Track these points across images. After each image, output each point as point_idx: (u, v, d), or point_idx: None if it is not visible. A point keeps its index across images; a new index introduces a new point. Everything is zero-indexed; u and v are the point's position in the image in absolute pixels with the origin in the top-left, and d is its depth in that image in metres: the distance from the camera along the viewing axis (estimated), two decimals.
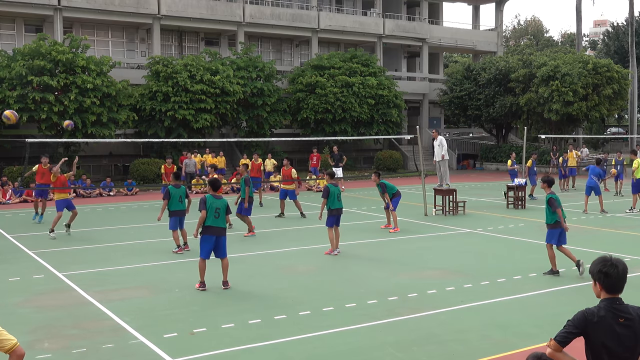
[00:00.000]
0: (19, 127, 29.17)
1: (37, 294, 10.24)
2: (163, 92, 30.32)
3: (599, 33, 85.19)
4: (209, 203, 10.24)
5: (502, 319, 8.64)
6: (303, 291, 10.28)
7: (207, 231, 10.23)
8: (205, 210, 10.17)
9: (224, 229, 10.40)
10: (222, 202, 10.36)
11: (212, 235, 10.22)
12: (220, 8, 35.73)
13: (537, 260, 12.23)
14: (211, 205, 10.23)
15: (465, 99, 40.22)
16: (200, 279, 10.33)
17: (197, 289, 10.24)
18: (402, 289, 10.17)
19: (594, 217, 18.42)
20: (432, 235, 15.68)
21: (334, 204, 13.24)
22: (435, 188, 20.02)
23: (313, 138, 29.63)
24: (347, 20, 40.71)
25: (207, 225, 10.21)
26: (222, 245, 10.35)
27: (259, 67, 33.63)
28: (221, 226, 10.32)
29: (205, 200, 10.26)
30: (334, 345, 7.67)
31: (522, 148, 25.12)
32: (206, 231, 10.23)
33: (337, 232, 13.32)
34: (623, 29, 54.30)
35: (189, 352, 7.40)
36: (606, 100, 35.36)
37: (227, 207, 10.47)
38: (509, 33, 75.15)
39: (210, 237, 10.22)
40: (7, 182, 24.94)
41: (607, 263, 4.14)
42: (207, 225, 10.21)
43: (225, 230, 10.44)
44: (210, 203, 10.24)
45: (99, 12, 32.66)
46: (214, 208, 10.23)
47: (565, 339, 4.11)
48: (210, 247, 10.26)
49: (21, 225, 18.04)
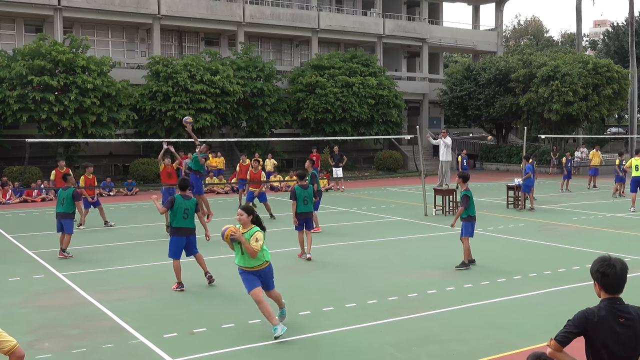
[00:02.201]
0: (18, 127, 29.19)
1: (37, 294, 10.24)
2: (163, 92, 30.32)
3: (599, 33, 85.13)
4: (177, 204, 10.23)
5: (502, 319, 8.64)
6: (303, 291, 10.28)
7: (177, 232, 10.29)
8: (169, 209, 10.23)
9: (194, 228, 10.49)
10: (191, 202, 10.40)
11: (182, 236, 10.30)
12: (220, 8, 35.73)
13: (537, 260, 12.23)
14: (180, 206, 10.24)
15: (465, 99, 40.22)
16: (178, 279, 10.33)
17: (175, 290, 10.25)
18: (402, 289, 10.17)
19: (593, 217, 18.41)
20: (432, 235, 15.67)
21: (299, 207, 12.82)
22: (435, 188, 20.03)
23: (313, 138, 29.64)
24: (347, 20, 40.71)
25: (176, 226, 10.26)
26: (192, 243, 10.48)
27: (259, 67, 33.62)
28: (190, 226, 10.39)
29: (173, 202, 10.24)
30: (334, 345, 7.66)
31: (522, 148, 25.12)
32: (176, 232, 10.29)
33: (308, 236, 12.86)
34: (623, 29, 54.27)
35: (189, 352, 7.40)
36: (606, 100, 35.35)
37: (196, 206, 10.56)
38: (509, 33, 75.15)
39: (181, 237, 10.30)
40: (7, 182, 24.94)
41: (605, 263, 4.14)
42: (177, 227, 10.26)
43: (195, 230, 10.54)
44: (178, 204, 10.24)
45: (99, 12, 32.66)
46: (182, 209, 10.24)
47: (566, 338, 4.11)
48: (181, 247, 10.36)
49: (21, 225, 18.04)
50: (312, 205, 13.02)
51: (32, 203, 23.83)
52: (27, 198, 24.19)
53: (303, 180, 13.15)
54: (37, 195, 24.60)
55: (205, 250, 13.72)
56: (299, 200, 12.80)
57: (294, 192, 12.83)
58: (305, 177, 13.48)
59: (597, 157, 27.47)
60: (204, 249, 13.99)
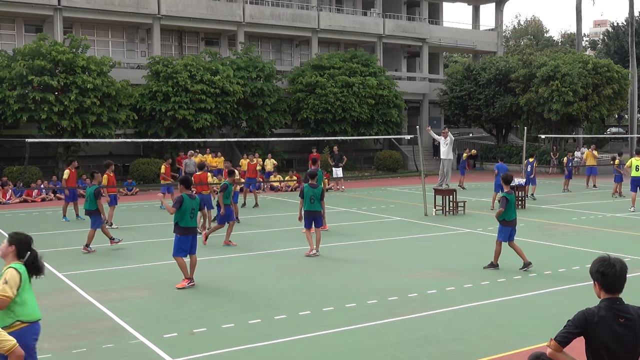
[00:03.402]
0: (18, 127, 29.18)
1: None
2: (163, 92, 30.32)
3: (599, 33, 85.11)
4: (185, 204, 10.31)
5: (502, 319, 8.64)
6: (303, 291, 10.28)
7: (185, 232, 10.39)
8: (178, 210, 10.27)
9: (196, 227, 10.68)
10: (196, 201, 10.53)
11: (189, 235, 10.44)
12: (220, 8, 35.73)
13: (537, 260, 12.22)
14: (187, 207, 10.32)
15: (465, 99, 40.21)
16: (185, 275, 10.44)
17: (187, 286, 10.32)
18: (402, 289, 10.17)
19: (593, 217, 18.41)
20: (432, 235, 15.67)
21: (307, 205, 13.08)
22: (435, 188, 20.03)
23: (313, 138, 29.64)
24: (347, 20, 40.70)
25: (184, 226, 10.35)
26: (195, 243, 10.64)
27: (259, 67, 33.62)
28: (195, 225, 10.56)
29: (182, 201, 10.31)
30: (334, 345, 7.66)
31: (522, 148, 25.12)
32: (184, 232, 10.39)
33: (317, 234, 13.16)
34: (623, 29, 54.30)
35: (189, 352, 7.40)
36: (606, 100, 35.35)
37: (201, 204, 10.78)
38: (509, 33, 75.15)
39: (188, 237, 10.43)
40: (7, 182, 24.95)
41: (604, 262, 4.14)
42: (185, 227, 10.36)
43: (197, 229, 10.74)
44: (186, 204, 10.32)
45: (99, 12, 32.65)
46: (189, 209, 10.35)
47: (566, 338, 4.11)
48: (188, 246, 10.46)
49: (21, 225, 18.02)
50: (319, 204, 13.18)
51: (32, 203, 23.84)
52: (27, 198, 24.20)
53: (313, 179, 13.40)
54: (37, 195, 24.60)
55: (205, 250, 13.76)
56: (306, 198, 13.03)
57: (303, 190, 13.09)
58: (316, 176, 13.63)
59: (590, 156, 27.40)
60: (204, 249, 14.01)
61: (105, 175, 17.70)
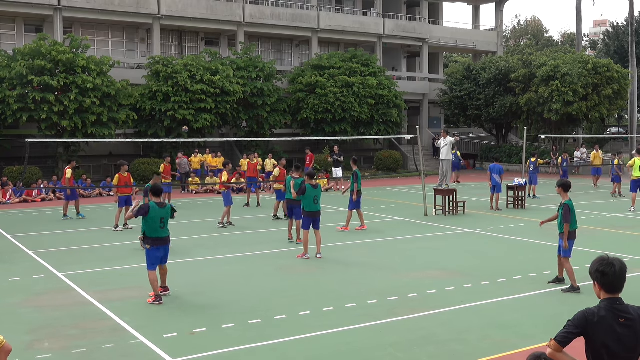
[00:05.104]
0: (18, 127, 29.18)
1: (37, 294, 10.24)
2: (163, 92, 30.32)
3: (599, 33, 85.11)
4: (152, 213, 9.55)
5: (502, 319, 8.64)
6: (303, 291, 10.28)
7: (156, 242, 9.64)
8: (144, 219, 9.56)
9: (169, 236, 9.89)
10: (166, 210, 9.74)
11: (160, 245, 9.71)
12: (220, 8, 35.73)
13: (537, 260, 12.23)
14: (156, 216, 9.58)
15: (465, 99, 40.21)
16: (156, 291, 9.56)
17: (152, 303, 9.45)
18: (402, 289, 10.17)
19: (593, 217, 18.41)
20: (432, 235, 15.67)
21: (309, 206, 12.72)
22: (435, 188, 20.03)
23: (313, 138, 29.64)
24: (347, 20, 40.70)
25: (155, 237, 9.61)
26: (167, 253, 9.95)
27: (259, 67, 33.63)
28: (167, 235, 9.79)
29: (148, 210, 9.54)
30: (334, 345, 7.66)
31: (522, 148, 25.13)
32: (155, 242, 9.63)
33: (317, 236, 12.88)
34: (623, 29, 54.29)
35: (189, 352, 7.40)
36: (606, 100, 35.35)
37: (171, 211, 9.92)
38: (509, 33, 75.13)
39: (159, 248, 9.69)
40: (7, 182, 24.94)
41: (604, 262, 4.14)
42: (156, 237, 9.62)
43: (169, 239, 9.92)
44: (153, 213, 9.57)
45: (99, 12, 32.65)
46: (158, 218, 9.61)
47: (566, 339, 4.11)
48: (159, 258, 9.74)
49: (21, 225, 18.03)
50: (320, 205, 13.04)
51: (32, 203, 23.83)
52: (27, 198, 24.19)
53: (313, 179, 13.06)
54: (37, 195, 24.60)
55: (205, 250, 13.76)
56: (309, 199, 12.75)
57: (304, 189, 12.76)
58: (315, 176, 13.37)
59: (598, 157, 27.48)
60: (204, 249, 14.01)
61: (117, 175, 17.67)
